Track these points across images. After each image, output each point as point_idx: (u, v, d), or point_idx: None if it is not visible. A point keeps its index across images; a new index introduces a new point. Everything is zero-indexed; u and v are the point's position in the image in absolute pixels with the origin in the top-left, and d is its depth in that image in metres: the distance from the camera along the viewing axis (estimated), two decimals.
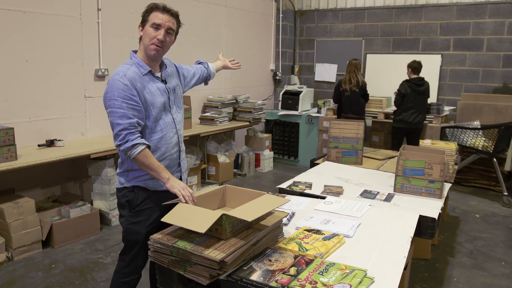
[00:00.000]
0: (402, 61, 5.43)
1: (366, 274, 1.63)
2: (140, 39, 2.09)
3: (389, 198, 2.76)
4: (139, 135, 1.98)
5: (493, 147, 5.02)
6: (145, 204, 2.11)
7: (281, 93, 6.88)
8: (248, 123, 5.76)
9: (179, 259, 1.69)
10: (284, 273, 1.60)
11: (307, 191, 2.85)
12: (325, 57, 7.23)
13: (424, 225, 2.41)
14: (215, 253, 1.60)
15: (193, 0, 5.43)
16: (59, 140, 3.90)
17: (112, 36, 4.44)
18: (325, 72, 7.25)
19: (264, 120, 6.16)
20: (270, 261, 1.70)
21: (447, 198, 3.60)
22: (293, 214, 2.37)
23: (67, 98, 4.12)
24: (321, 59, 7.28)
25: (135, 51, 2.12)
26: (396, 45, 6.55)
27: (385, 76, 6.46)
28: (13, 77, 3.69)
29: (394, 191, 2.92)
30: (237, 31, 6.32)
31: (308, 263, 1.68)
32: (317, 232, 2.02)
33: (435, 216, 2.43)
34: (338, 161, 3.75)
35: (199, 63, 2.60)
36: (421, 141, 3.86)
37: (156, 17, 2.02)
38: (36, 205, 3.62)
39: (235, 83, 6.41)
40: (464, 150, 5.43)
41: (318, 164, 3.75)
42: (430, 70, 6.21)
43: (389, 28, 6.57)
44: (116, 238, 3.83)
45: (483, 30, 5.88)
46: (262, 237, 1.81)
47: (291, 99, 6.74)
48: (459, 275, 3.30)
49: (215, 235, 1.73)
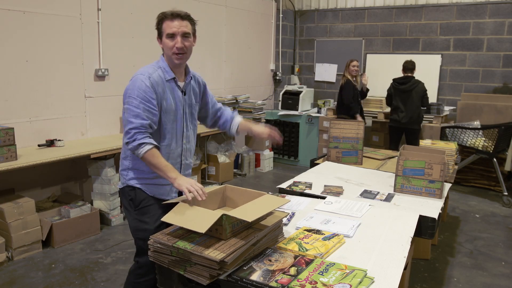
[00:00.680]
0: (402, 61, 5.43)
1: (366, 274, 1.63)
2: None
3: (389, 198, 2.76)
4: (148, 135, 1.98)
5: (493, 147, 5.02)
6: (148, 201, 2.12)
7: (281, 93, 6.88)
8: None
9: (179, 259, 1.69)
10: (284, 273, 1.60)
11: (307, 191, 2.85)
12: (325, 57, 7.23)
13: (424, 225, 2.41)
14: (215, 253, 1.60)
15: (193, 0, 5.43)
16: (59, 140, 3.90)
17: (112, 36, 4.44)
18: (325, 72, 7.25)
19: (264, 120, 6.15)
20: (270, 261, 1.70)
21: (447, 198, 3.59)
22: (293, 214, 2.37)
23: (67, 98, 4.12)
24: (321, 59, 7.28)
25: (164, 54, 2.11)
26: (396, 45, 6.55)
27: (385, 76, 6.44)
28: (13, 77, 3.69)
29: (394, 191, 2.92)
30: (237, 31, 6.32)
31: (308, 263, 1.68)
32: (317, 232, 2.02)
33: (435, 216, 2.43)
34: (338, 161, 3.75)
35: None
36: (421, 141, 3.86)
37: (168, 26, 2.01)
38: (36, 205, 3.62)
39: (235, 83, 6.42)
40: (464, 150, 5.43)
41: (318, 164, 3.75)
42: (430, 70, 6.21)
43: (389, 28, 6.57)
44: (116, 238, 3.83)
45: (483, 30, 5.88)
46: (262, 237, 1.81)
47: (291, 99, 6.74)
48: (459, 275, 3.30)
49: (215, 235, 1.73)
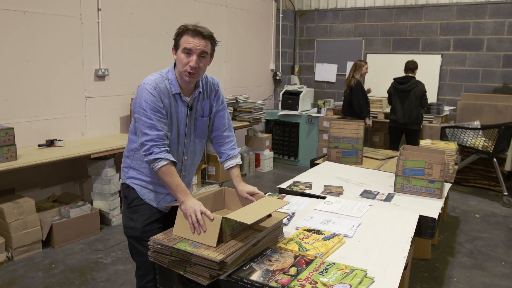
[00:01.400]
0: (402, 61, 5.43)
1: (366, 274, 1.63)
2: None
3: (389, 198, 2.76)
4: (166, 148, 1.91)
5: (493, 147, 5.02)
6: (140, 201, 2.11)
7: (281, 93, 6.88)
8: (248, 123, 5.76)
9: (179, 259, 1.69)
10: (284, 273, 1.60)
11: (307, 191, 2.85)
12: (325, 57, 7.23)
13: (424, 225, 2.41)
14: (215, 254, 1.60)
15: (193, 0, 5.43)
16: (59, 140, 3.90)
17: (112, 36, 4.44)
18: (325, 72, 7.25)
19: (264, 120, 6.16)
20: (270, 261, 1.70)
21: (447, 198, 3.59)
22: (293, 214, 2.37)
23: (67, 98, 4.12)
24: (321, 59, 7.28)
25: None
26: (396, 45, 6.55)
27: (385, 76, 6.45)
28: (13, 77, 3.69)
29: (394, 191, 2.92)
30: (237, 31, 6.32)
31: (308, 263, 1.68)
32: (317, 232, 2.02)
33: (435, 216, 2.43)
34: (338, 161, 3.75)
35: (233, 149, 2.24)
36: (421, 141, 3.86)
37: (187, 41, 1.89)
38: (36, 205, 3.62)
39: (235, 83, 6.41)
40: (464, 150, 5.43)
41: (318, 164, 3.75)
42: (430, 70, 6.21)
43: (389, 28, 6.57)
44: (116, 238, 3.82)
45: (483, 30, 5.88)
46: (262, 237, 1.81)
47: (291, 99, 6.74)
48: (459, 275, 3.30)
49: None
